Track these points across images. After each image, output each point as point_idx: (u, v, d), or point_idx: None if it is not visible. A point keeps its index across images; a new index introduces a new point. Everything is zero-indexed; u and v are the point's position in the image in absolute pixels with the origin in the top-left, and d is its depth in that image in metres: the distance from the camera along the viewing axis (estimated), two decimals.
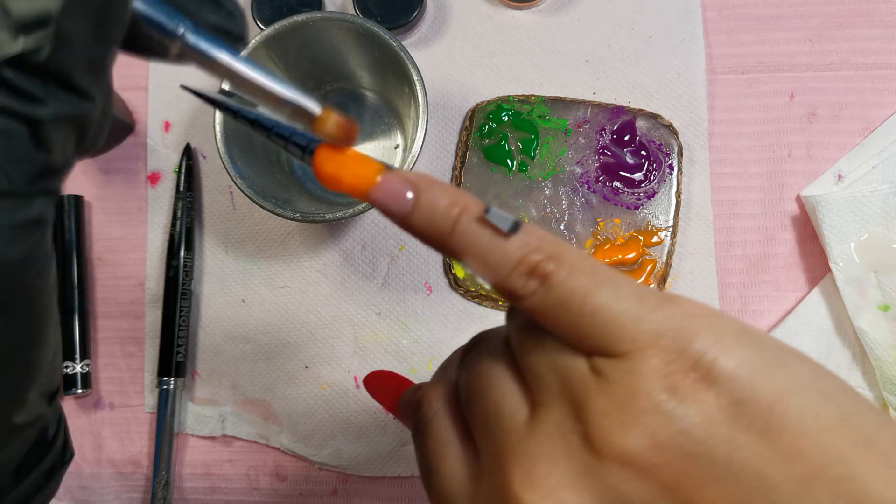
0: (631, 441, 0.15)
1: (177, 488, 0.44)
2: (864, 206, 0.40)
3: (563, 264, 0.16)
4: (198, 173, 0.45)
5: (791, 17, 0.44)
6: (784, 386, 0.15)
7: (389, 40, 0.37)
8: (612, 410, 0.15)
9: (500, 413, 0.17)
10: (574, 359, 0.16)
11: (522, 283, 0.17)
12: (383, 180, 0.18)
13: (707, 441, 0.15)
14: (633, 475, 0.15)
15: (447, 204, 0.17)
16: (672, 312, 0.16)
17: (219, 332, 0.44)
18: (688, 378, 0.15)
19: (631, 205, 0.42)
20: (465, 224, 0.17)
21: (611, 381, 0.15)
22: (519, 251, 0.17)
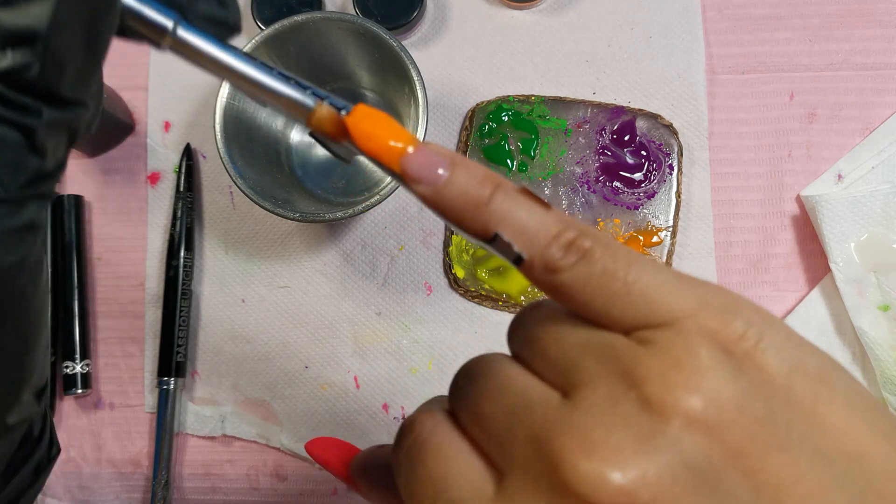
0: (696, 398, 0.14)
1: (177, 488, 0.44)
2: (864, 206, 0.40)
3: (600, 242, 0.16)
4: (198, 173, 0.45)
5: (791, 17, 0.44)
6: (825, 363, 0.15)
7: (389, 40, 0.37)
8: (669, 369, 0.14)
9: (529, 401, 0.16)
10: (612, 337, 0.16)
11: (562, 256, 0.16)
12: (421, 148, 0.17)
13: (769, 404, 0.14)
14: (700, 435, 0.14)
15: (483, 176, 0.17)
16: (711, 289, 0.16)
17: (219, 332, 0.44)
18: (740, 344, 0.15)
19: (631, 205, 0.42)
20: (502, 195, 0.17)
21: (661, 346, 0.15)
22: (557, 224, 0.16)
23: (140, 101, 0.46)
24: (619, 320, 0.16)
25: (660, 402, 0.14)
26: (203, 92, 0.46)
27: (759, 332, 0.15)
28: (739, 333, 0.15)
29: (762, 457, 0.14)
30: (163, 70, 0.46)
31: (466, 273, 0.42)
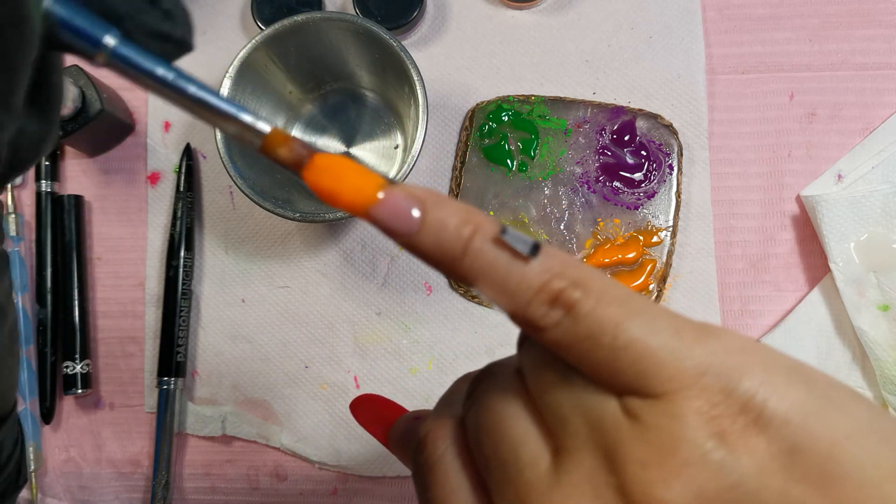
0: (675, 496, 0.13)
1: (177, 488, 0.44)
2: (864, 206, 0.40)
3: (590, 292, 0.15)
4: (198, 173, 0.45)
5: (791, 17, 0.44)
6: (841, 430, 0.13)
7: (389, 40, 0.37)
8: (651, 460, 0.14)
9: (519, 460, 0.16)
10: (603, 399, 0.15)
11: (544, 313, 0.15)
12: (386, 196, 0.16)
13: (760, 494, 0.13)
14: None
15: (458, 222, 0.15)
16: (714, 347, 0.14)
17: (219, 332, 0.44)
18: (737, 423, 0.13)
19: (631, 205, 0.42)
20: (478, 245, 0.15)
21: (648, 426, 0.14)
22: (540, 276, 0.15)
23: (140, 101, 0.46)
24: (609, 383, 0.15)
25: (639, 496, 0.13)
26: None
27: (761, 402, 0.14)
28: (738, 407, 0.14)
29: None
30: None
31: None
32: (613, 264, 0.41)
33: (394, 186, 0.16)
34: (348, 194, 0.16)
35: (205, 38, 0.46)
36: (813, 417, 0.13)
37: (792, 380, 0.14)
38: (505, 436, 0.16)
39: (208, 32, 0.46)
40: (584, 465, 0.14)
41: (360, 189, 0.16)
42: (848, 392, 0.14)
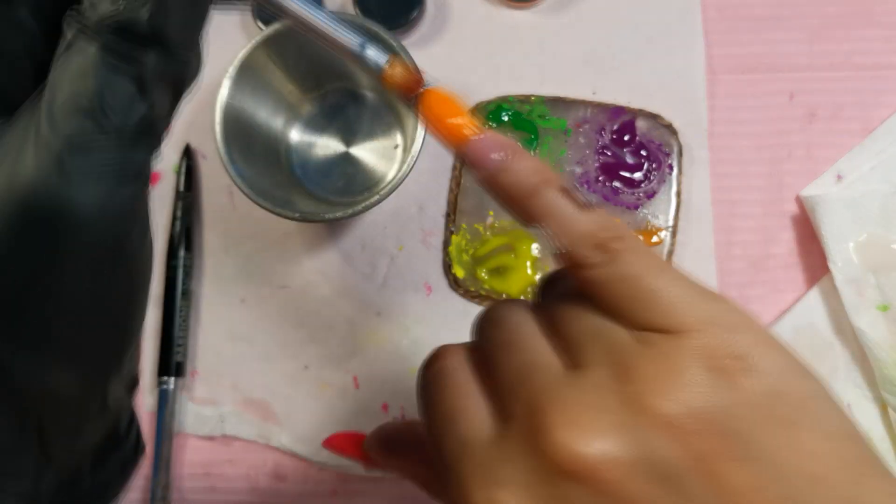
0: (673, 406, 0.16)
1: (177, 488, 0.44)
2: (863, 206, 0.40)
3: (629, 245, 0.18)
4: (198, 173, 0.45)
5: (791, 17, 0.44)
6: (811, 391, 0.16)
7: (389, 40, 0.37)
8: (657, 376, 0.16)
9: (534, 366, 0.18)
10: (621, 329, 0.17)
11: (590, 254, 0.18)
12: (484, 136, 0.19)
13: (742, 421, 0.16)
14: (671, 439, 0.16)
15: (536, 168, 0.19)
16: (721, 306, 0.17)
17: (218, 332, 0.44)
18: (731, 365, 0.16)
19: (631, 205, 0.42)
20: (547, 190, 0.19)
21: (659, 351, 0.16)
22: (593, 224, 0.18)
23: None
24: (633, 320, 0.17)
25: (642, 402, 0.16)
26: (203, 92, 0.45)
27: (752, 354, 0.16)
28: (734, 354, 0.16)
29: (725, 465, 0.15)
30: None
31: (466, 273, 0.42)
32: None
33: (489, 130, 0.20)
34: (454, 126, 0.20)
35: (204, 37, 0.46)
36: (792, 374, 0.16)
37: (776, 345, 0.17)
38: (521, 348, 0.19)
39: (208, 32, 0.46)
40: (596, 374, 0.17)
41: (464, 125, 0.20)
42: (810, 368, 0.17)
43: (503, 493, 0.17)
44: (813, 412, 0.16)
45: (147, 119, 0.16)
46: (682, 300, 0.17)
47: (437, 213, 0.44)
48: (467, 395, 0.19)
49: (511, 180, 0.19)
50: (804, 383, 0.16)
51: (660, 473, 0.16)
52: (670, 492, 0.16)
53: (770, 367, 0.16)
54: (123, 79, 0.16)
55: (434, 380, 0.21)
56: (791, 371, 0.16)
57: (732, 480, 0.15)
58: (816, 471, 0.15)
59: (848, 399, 0.40)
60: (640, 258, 0.17)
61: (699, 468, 0.15)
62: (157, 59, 0.16)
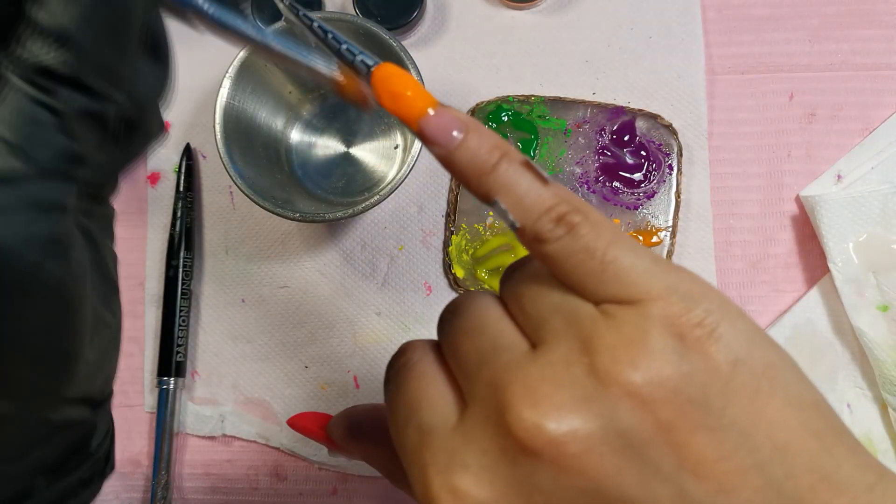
0: (637, 374, 0.15)
1: (177, 488, 0.44)
2: (863, 206, 0.40)
3: (588, 219, 0.17)
4: (198, 173, 0.45)
5: (791, 17, 0.44)
6: (775, 359, 0.16)
7: (389, 40, 0.37)
8: (620, 345, 0.16)
9: (499, 346, 0.18)
10: (582, 303, 0.17)
11: (550, 228, 0.17)
12: (439, 112, 0.19)
13: (706, 389, 0.15)
14: (634, 407, 0.15)
15: (494, 143, 0.18)
16: (682, 276, 0.17)
17: (219, 332, 0.44)
18: (693, 332, 0.16)
19: (630, 205, 0.42)
20: (506, 165, 0.18)
21: (621, 321, 0.16)
22: (552, 198, 0.18)
23: None
24: (593, 292, 0.17)
25: (605, 371, 0.16)
26: (203, 92, 0.46)
27: (715, 321, 0.16)
28: (696, 321, 0.16)
29: (689, 434, 0.15)
30: None
31: (466, 273, 0.42)
32: None
33: (445, 106, 0.19)
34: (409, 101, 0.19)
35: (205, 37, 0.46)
36: (754, 343, 0.16)
37: (739, 314, 0.17)
38: (484, 331, 0.19)
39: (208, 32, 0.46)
40: (560, 348, 0.17)
41: (420, 100, 0.19)
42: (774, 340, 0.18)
43: (463, 477, 0.17)
44: (778, 381, 0.16)
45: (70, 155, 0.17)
46: (643, 270, 0.17)
47: (437, 213, 0.44)
48: (430, 383, 0.19)
49: (468, 157, 0.18)
50: (768, 352, 0.16)
51: (624, 443, 0.15)
52: (634, 461, 0.15)
53: (734, 336, 0.16)
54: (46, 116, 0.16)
55: (398, 373, 0.20)
56: (755, 340, 0.16)
57: (696, 449, 0.15)
58: (783, 439, 0.15)
59: (848, 399, 0.40)
60: (600, 230, 0.17)
61: (664, 437, 0.15)
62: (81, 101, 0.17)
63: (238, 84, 0.39)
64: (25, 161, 0.16)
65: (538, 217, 0.18)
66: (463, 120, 0.19)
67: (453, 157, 0.19)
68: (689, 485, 0.15)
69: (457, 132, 0.19)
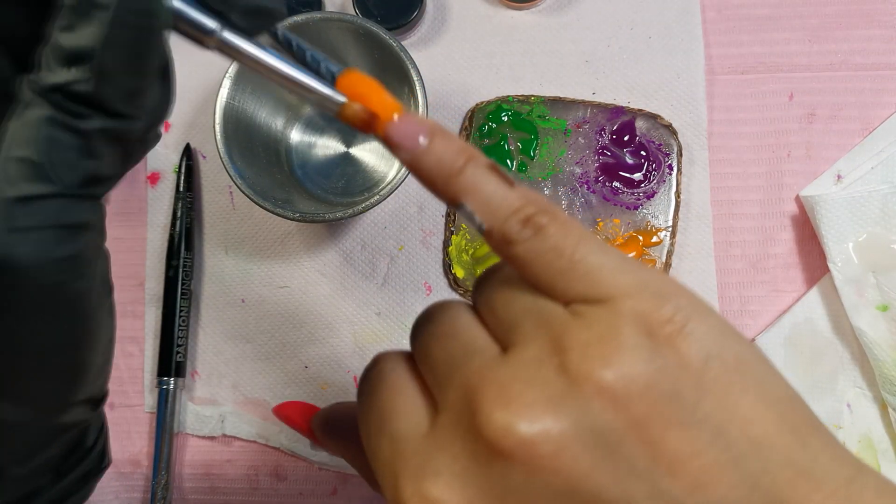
0: (609, 371, 0.15)
1: (177, 488, 0.44)
2: (863, 206, 0.40)
3: (556, 219, 0.17)
4: (198, 173, 0.45)
5: (790, 17, 0.44)
6: (748, 354, 0.16)
7: (389, 40, 0.37)
8: (591, 343, 0.16)
9: (470, 351, 0.18)
10: (552, 304, 0.17)
11: (518, 230, 0.17)
12: (404, 117, 0.19)
13: (678, 385, 0.15)
14: (607, 404, 0.15)
15: (458, 148, 0.18)
16: (652, 273, 0.17)
17: (219, 332, 0.44)
18: (665, 328, 0.16)
19: (630, 205, 0.42)
20: (472, 168, 0.18)
21: (592, 319, 0.16)
22: (518, 200, 0.18)
23: None
24: (562, 293, 0.17)
25: (577, 370, 0.16)
26: (203, 92, 0.46)
27: (685, 317, 0.16)
28: (667, 317, 0.16)
29: (663, 430, 0.15)
30: None
31: (466, 273, 0.43)
32: None
33: (409, 112, 0.19)
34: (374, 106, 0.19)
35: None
36: (725, 338, 0.16)
37: (710, 310, 0.17)
38: (455, 337, 0.18)
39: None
40: (531, 349, 0.17)
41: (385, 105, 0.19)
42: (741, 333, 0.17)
43: (435, 484, 0.16)
44: (750, 376, 0.16)
45: (92, 176, 0.17)
46: (612, 268, 0.17)
47: (437, 213, 0.44)
48: (401, 393, 0.19)
49: (434, 161, 0.18)
50: (740, 347, 0.16)
51: (597, 441, 0.15)
52: (608, 459, 0.15)
53: (705, 331, 0.16)
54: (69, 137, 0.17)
55: (369, 384, 0.20)
56: (725, 335, 0.16)
57: (670, 446, 0.15)
58: (758, 434, 0.15)
59: (848, 399, 0.40)
60: (567, 230, 0.17)
61: (637, 434, 0.15)
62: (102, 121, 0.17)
63: (238, 84, 0.39)
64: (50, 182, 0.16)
65: (505, 219, 0.18)
66: (428, 125, 0.19)
67: (420, 162, 0.19)
68: (664, 482, 0.15)
69: (422, 137, 0.18)
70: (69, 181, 0.17)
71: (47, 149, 0.16)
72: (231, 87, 0.38)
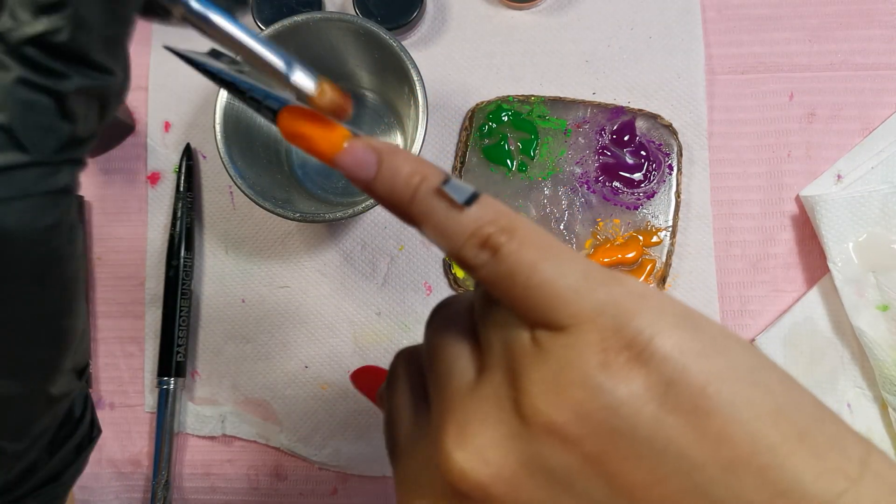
0: (558, 412, 0.15)
1: (177, 488, 0.44)
2: (863, 206, 0.40)
3: (514, 237, 0.17)
4: (198, 173, 0.45)
5: (790, 17, 0.44)
6: (718, 371, 0.15)
7: (389, 40, 0.37)
8: (543, 380, 0.16)
9: (451, 372, 0.18)
10: (519, 329, 0.17)
11: (475, 255, 0.17)
12: (349, 146, 0.18)
13: (632, 418, 0.15)
14: (557, 444, 0.15)
15: (408, 172, 0.17)
16: (615, 291, 0.16)
17: (219, 332, 0.44)
18: (621, 356, 0.15)
19: (630, 205, 0.42)
20: (423, 193, 0.17)
21: (547, 352, 0.16)
22: (473, 223, 0.17)
23: (140, 101, 0.46)
24: (527, 317, 0.17)
25: (529, 409, 0.16)
26: (203, 92, 0.46)
27: (646, 340, 0.15)
28: (625, 342, 0.15)
29: (619, 463, 0.15)
30: (163, 70, 0.46)
31: (466, 273, 0.42)
32: (613, 264, 0.41)
33: (356, 138, 0.18)
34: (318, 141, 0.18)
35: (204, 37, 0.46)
36: (692, 357, 0.15)
37: (679, 324, 0.15)
38: (444, 353, 0.19)
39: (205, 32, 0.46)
40: (494, 380, 0.17)
41: (329, 138, 0.18)
42: (737, 341, 0.16)
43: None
44: (722, 395, 0.15)
45: (70, 138, 0.17)
46: (573, 290, 0.16)
47: None
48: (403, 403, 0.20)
49: (386, 187, 0.18)
50: (710, 363, 0.15)
51: (552, 479, 0.15)
52: (565, 494, 0.15)
53: (668, 352, 0.15)
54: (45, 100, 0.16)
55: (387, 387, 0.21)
56: (694, 350, 0.15)
57: (628, 478, 0.15)
58: (727, 457, 0.14)
59: (848, 398, 0.40)
60: (526, 249, 0.16)
61: (592, 469, 0.15)
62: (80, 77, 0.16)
63: None
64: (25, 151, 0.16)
65: (461, 245, 0.17)
66: (377, 147, 0.18)
67: (373, 188, 0.18)
68: None
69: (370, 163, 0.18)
70: (46, 147, 0.16)
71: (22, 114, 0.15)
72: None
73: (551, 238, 0.17)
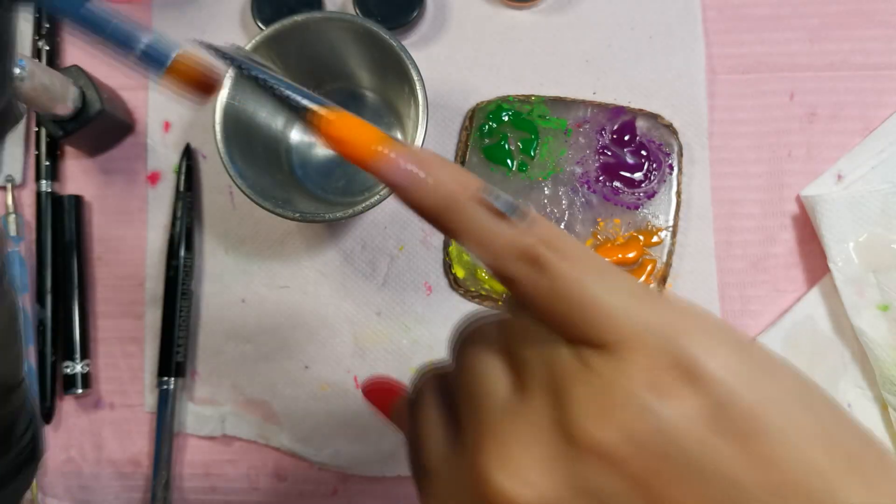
0: (606, 433, 0.15)
1: (177, 488, 0.44)
2: (864, 206, 0.40)
3: (557, 251, 0.16)
4: (198, 173, 0.45)
5: (791, 17, 0.44)
6: (767, 394, 0.15)
7: (389, 40, 0.37)
8: (591, 401, 0.15)
9: (485, 392, 0.18)
10: (560, 347, 0.16)
11: (518, 268, 0.17)
12: (390, 153, 0.18)
13: (681, 441, 0.15)
14: (605, 467, 0.15)
15: (449, 182, 0.17)
16: (662, 310, 0.16)
17: (219, 332, 0.44)
18: (670, 376, 0.15)
19: (631, 205, 0.42)
20: (463, 204, 0.17)
21: (594, 371, 0.15)
22: (515, 234, 0.17)
23: (140, 101, 0.46)
24: (571, 335, 0.16)
25: (575, 430, 0.15)
26: None
27: (698, 362, 0.15)
28: (673, 363, 0.15)
29: (666, 487, 0.15)
30: None
31: (466, 273, 0.42)
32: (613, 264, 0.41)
33: (397, 144, 0.18)
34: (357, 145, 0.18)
35: (204, 37, 0.46)
36: (742, 379, 0.15)
37: (729, 345, 0.15)
38: (477, 372, 0.18)
39: (208, 32, 0.46)
40: (536, 400, 0.16)
41: (368, 143, 0.18)
42: (783, 364, 0.16)
43: None
44: (765, 419, 0.14)
45: None
46: (621, 309, 0.16)
47: None
48: (430, 421, 0.20)
49: (426, 197, 0.17)
50: (759, 385, 0.15)
51: (596, 502, 0.15)
52: None
53: (716, 371, 0.15)
54: None
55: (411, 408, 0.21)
56: (743, 372, 0.15)
57: (675, 501, 0.15)
58: (776, 481, 0.14)
59: (848, 399, 0.40)
60: (574, 265, 0.16)
61: (639, 492, 0.15)
62: None
63: (238, 84, 0.39)
64: None
65: (503, 257, 0.17)
66: (418, 156, 0.18)
67: (412, 198, 0.18)
68: None
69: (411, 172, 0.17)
70: None
71: None
72: (231, 87, 0.38)
73: (597, 255, 0.17)
